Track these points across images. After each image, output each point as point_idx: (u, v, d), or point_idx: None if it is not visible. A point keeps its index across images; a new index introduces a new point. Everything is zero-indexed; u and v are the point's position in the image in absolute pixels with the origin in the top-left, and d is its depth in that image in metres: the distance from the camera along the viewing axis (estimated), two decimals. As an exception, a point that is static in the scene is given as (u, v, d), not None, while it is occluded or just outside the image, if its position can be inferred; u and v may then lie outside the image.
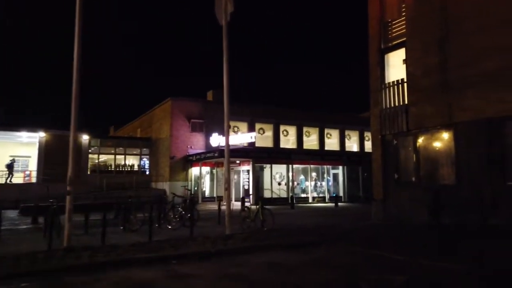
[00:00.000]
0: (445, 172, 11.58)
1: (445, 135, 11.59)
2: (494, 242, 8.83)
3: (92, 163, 31.21)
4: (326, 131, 34.36)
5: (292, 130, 33.10)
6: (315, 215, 18.22)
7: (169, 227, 12.71)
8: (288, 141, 33.55)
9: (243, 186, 25.93)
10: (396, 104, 12.93)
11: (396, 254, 7.74)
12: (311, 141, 34.15)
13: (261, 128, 31.91)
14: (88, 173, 30.18)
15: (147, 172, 32.58)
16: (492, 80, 10.25)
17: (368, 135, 37.38)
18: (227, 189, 10.38)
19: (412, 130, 12.39)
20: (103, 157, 33.11)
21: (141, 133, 35.36)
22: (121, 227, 12.21)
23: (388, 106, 13.21)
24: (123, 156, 31.95)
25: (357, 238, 10.42)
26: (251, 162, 25.15)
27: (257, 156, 25.44)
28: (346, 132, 35.25)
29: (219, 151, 24.36)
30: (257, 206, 12.23)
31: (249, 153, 25.11)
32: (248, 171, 25.51)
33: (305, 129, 33.46)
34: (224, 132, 11.42)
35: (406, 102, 12.65)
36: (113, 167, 31.65)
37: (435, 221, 10.91)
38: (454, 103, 11.19)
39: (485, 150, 10.36)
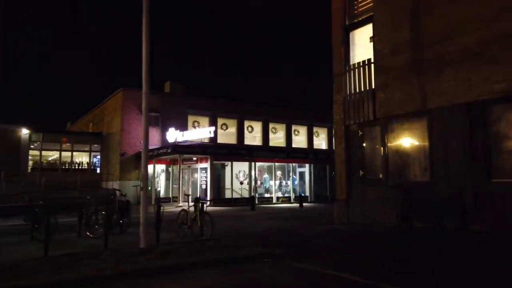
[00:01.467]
0: (418, 168, 9.81)
1: (418, 124, 9.82)
2: (478, 253, 7.04)
3: (35, 160, 28.05)
4: (293, 127, 32.57)
5: (257, 127, 31.07)
6: (274, 217, 16.25)
7: (90, 235, 10.45)
8: (254, 138, 31.51)
9: (201, 185, 23.65)
10: (362, 89, 11.09)
11: (358, 275, 5.77)
12: (278, 139, 32.25)
13: (224, 124, 29.70)
14: (29, 171, 27.07)
15: (98, 171, 29.69)
16: (475, 56, 8.53)
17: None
18: (143, 189, 8.13)
19: (380, 119, 10.57)
20: (49, 154, 29.97)
21: (93, 127, 32.36)
22: (30, 236, 9.97)
23: (353, 91, 11.36)
24: (70, 153, 28.91)
25: (313, 249, 8.44)
26: (209, 159, 22.90)
27: (216, 152, 23.22)
28: (315, 129, 33.61)
29: (173, 146, 21.99)
30: (196, 210, 10.05)
31: (207, 149, 22.86)
32: (206, 169, 23.25)
33: (271, 125, 31.53)
34: (140, 122, 9.07)
35: (373, 86, 10.83)
36: (58, 164, 28.57)
37: (405, 225, 9.10)
38: (428, 85, 9.43)
39: (466, 141, 8.62)
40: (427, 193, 9.24)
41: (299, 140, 33.18)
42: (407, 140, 10.12)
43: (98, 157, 30.02)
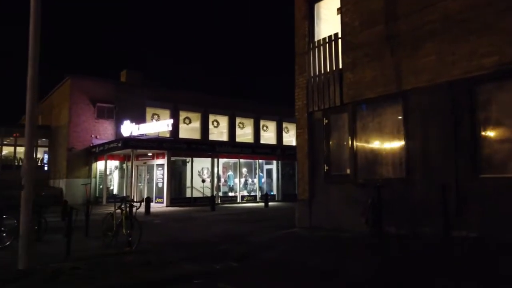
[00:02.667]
0: (391, 162, 8.23)
1: (392, 109, 8.24)
2: (465, 270, 5.47)
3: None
4: (262, 123, 30.85)
5: (223, 121, 29.14)
6: (232, 219, 14.46)
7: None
8: (221, 134, 29.56)
9: (157, 183, 21.52)
10: (328, 69, 9.42)
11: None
12: (245, 135, 30.43)
13: (187, 117, 27.61)
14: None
15: (46, 168, 26.94)
16: (460, 24, 7.00)
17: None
18: (24, 187, 6.11)
19: (348, 104, 8.93)
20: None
21: (42, 121, 29.43)
22: None
23: (317, 73, 9.68)
24: (13, 149, 26.02)
25: (261, 263, 6.68)
26: (166, 155, 20.81)
27: (174, 147, 21.12)
28: (284, 125, 32.02)
29: (124, 140, 19.75)
30: (122, 213, 8.09)
31: (163, 143, 20.73)
32: (163, 165, 21.14)
33: (238, 120, 29.67)
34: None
35: (340, 65, 9.18)
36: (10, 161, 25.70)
37: (375, 231, 7.50)
38: (404, 63, 7.85)
39: (449, 129, 7.08)
40: (402, 192, 7.67)
41: (268, 136, 31.51)
42: (379, 129, 8.54)
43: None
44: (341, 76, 9.09)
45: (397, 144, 8.11)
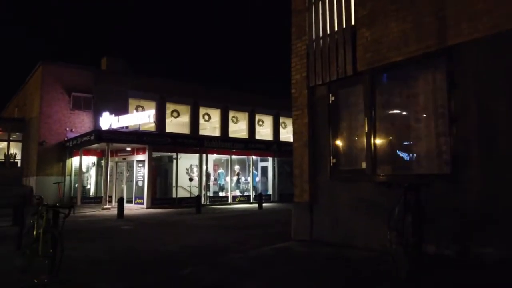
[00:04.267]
0: (428, 152, 5.80)
1: (431, 75, 5.81)
2: None
3: None
4: (257, 117, 28.36)
5: (215, 115, 26.61)
6: (217, 225, 12.05)
7: None
8: (214, 129, 27.06)
9: (137, 182, 19.04)
10: (336, 27, 6.98)
11: None
12: (239, 130, 27.90)
13: (175, 110, 25.10)
14: None
15: (19, 164, 24.46)
16: None
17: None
18: None
19: (364, 72, 6.49)
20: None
21: (18, 113, 26.95)
22: None
23: (321, 34, 7.23)
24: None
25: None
26: (147, 150, 18.35)
27: (156, 141, 18.65)
28: (282, 120, 29.54)
29: (97, 133, 17.26)
30: (38, 226, 5.64)
31: (144, 137, 18.24)
32: (143, 162, 18.67)
33: (232, 113, 27.16)
34: None
35: (352, 21, 6.74)
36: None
37: (410, 250, 5.06)
38: (449, 8, 5.43)
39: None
40: (446, 195, 5.24)
41: (264, 132, 29.02)
42: (409, 105, 6.10)
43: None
44: (354, 35, 6.64)
45: (437, 125, 5.68)
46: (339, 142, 7.01)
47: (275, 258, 6.26)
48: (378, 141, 6.32)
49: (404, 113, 6.20)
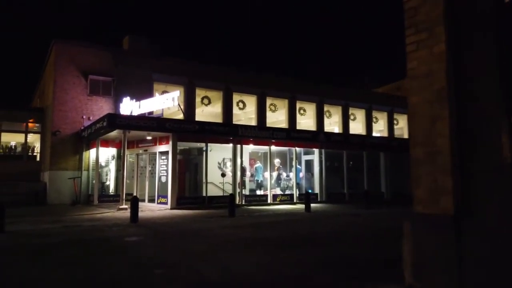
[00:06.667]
0: None
1: None
2: None
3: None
4: (298, 105, 24.77)
5: (251, 103, 23.30)
6: (255, 237, 8.67)
7: None
8: (250, 119, 23.83)
9: (160, 178, 16.08)
10: None
11: None
12: (278, 122, 24.47)
13: (205, 97, 22.01)
14: None
15: (38, 158, 22.28)
16: None
17: (354, 112, 27.85)
18: None
19: None
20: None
21: (40, 102, 24.89)
22: None
23: None
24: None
25: None
26: (171, 139, 15.32)
27: (180, 128, 15.54)
28: (326, 108, 25.83)
29: (109, 119, 14.35)
30: None
31: (166, 123, 15.20)
32: (166, 153, 15.68)
33: (269, 101, 23.75)
34: None
35: None
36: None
37: None
38: None
39: None
40: None
41: (306, 123, 25.43)
42: None
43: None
44: None
45: None
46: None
47: None
48: None
49: None
